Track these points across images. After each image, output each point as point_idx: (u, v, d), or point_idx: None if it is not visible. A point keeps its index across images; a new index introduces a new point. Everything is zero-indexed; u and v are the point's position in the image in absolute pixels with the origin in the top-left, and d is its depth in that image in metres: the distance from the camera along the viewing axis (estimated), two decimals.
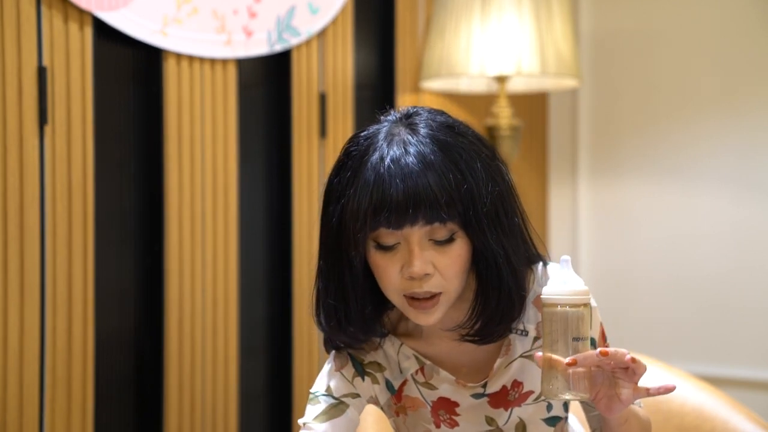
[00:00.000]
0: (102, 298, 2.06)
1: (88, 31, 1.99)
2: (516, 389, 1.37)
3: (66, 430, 1.96)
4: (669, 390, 1.21)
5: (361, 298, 1.32)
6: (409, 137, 1.25)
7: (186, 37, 2.16)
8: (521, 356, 1.37)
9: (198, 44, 2.19)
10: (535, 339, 1.36)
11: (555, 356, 1.19)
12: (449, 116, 1.32)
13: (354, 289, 1.31)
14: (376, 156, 1.24)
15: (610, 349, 1.18)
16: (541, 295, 1.23)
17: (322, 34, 2.52)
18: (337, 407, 1.36)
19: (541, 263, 1.38)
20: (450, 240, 1.25)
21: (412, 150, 1.23)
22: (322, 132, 2.54)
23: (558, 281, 1.22)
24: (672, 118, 3.14)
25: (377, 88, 2.80)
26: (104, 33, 2.04)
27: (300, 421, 1.37)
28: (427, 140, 1.24)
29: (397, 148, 1.24)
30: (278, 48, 2.38)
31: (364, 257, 1.29)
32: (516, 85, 2.97)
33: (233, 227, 2.30)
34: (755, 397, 2.84)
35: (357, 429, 1.83)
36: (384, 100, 2.81)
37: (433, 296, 1.27)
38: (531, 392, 1.37)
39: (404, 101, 2.82)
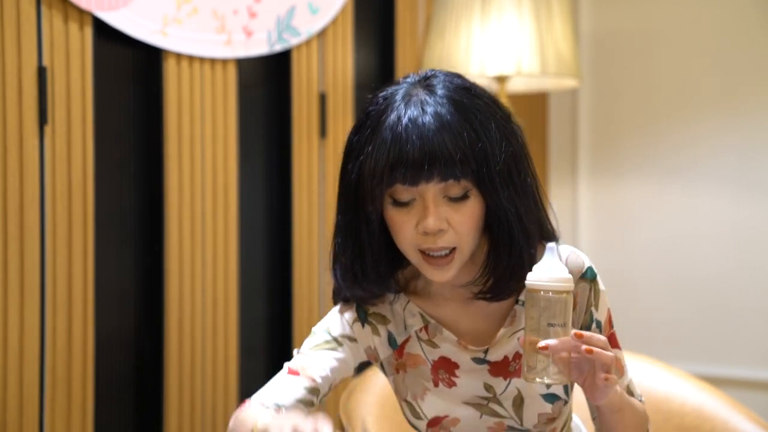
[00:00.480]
0: (102, 298, 2.06)
1: (88, 31, 1.99)
2: (517, 361, 1.39)
3: (66, 430, 1.96)
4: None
5: (377, 254, 1.35)
6: (427, 98, 1.30)
7: (186, 37, 2.16)
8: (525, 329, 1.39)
9: (198, 44, 2.19)
10: None
11: (535, 339, 1.22)
12: (466, 79, 1.36)
13: (370, 244, 1.34)
14: (394, 115, 1.29)
15: (586, 333, 1.21)
16: (527, 277, 1.26)
17: (322, 34, 2.52)
18: (330, 343, 1.40)
19: (551, 241, 1.40)
20: (464, 197, 1.29)
21: (429, 110, 1.28)
22: (322, 132, 2.54)
23: (543, 267, 1.25)
24: (672, 118, 3.14)
25: (377, 88, 2.80)
26: (104, 33, 2.04)
27: (294, 351, 1.42)
28: (444, 101, 1.29)
29: (415, 108, 1.28)
30: (278, 48, 2.38)
31: (381, 214, 1.33)
32: (516, 85, 2.97)
33: (233, 227, 2.30)
34: (755, 397, 2.84)
35: (358, 427, 1.83)
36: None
37: (447, 253, 1.31)
38: None
39: None
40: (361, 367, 1.50)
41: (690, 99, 3.10)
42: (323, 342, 1.41)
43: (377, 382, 1.99)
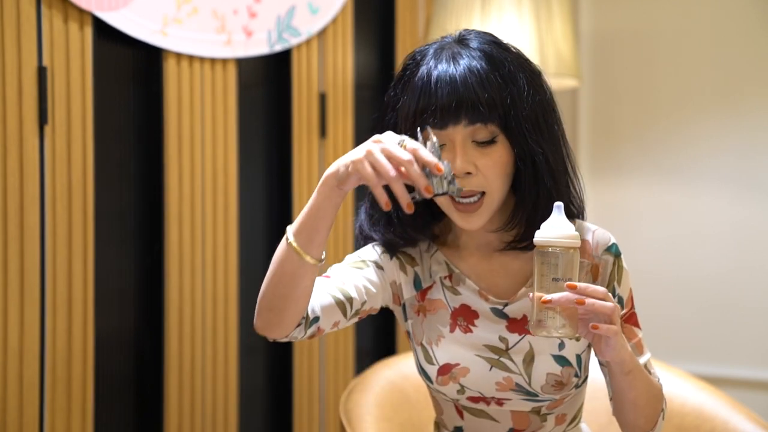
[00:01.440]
0: (102, 298, 2.06)
1: (88, 31, 1.99)
2: None
3: (66, 430, 1.96)
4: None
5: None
6: (459, 50, 1.37)
7: (186, 37, 2.16)
8: None
9: (198, 44, 2.19)
10: None
11: (541, 295, 1.25)
12: (498, 38, 1.42)
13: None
14: (426, 67, 1.36)
15: (581, 284, 1.24)
16: (535, 235, 1.29)
17: (322, 34, 2.52)
18: (357, 263, 1.46)
19: (579, 217, 1.46)
20: (492, 142, 1.34)
21: (460, 60, 1.35)
22: (322, 132, 2.54)
23: (549, 225, 1.28)
24: (672, 118, 3.14)
25: (377, 88, 2.80)
26: (104, 33, 2.04)
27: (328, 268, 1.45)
28: (476, 53, 1.36)
29: (446, 59, 1.35)
30: (278, 48, 2.38)
31: None
32: None
33: (233, 227, 2.30)
34: (755, 397, 2.84)
35: (358, 427, 1.83)
36: (384, 100, 2.81)
37: (477, 200, 1.35)
38: None
39: None
40: (383, 312, 1.54)
41: (690, 99, 3.10)
42: (353, 262, 1.45)
43: (377, 382, 1.99)
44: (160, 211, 2.16)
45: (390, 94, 1.42)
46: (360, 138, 2.70)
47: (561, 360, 1.41)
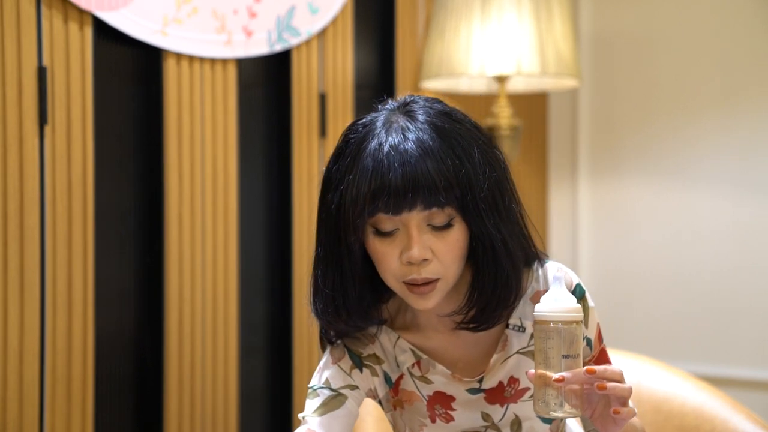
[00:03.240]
0: (102, 298, 2.06)
1: (88, 31, 1.99)
2: (512, 386, 1.38)
3: (66, 430, 1.96)
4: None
5: (360, 285, 1.32)
6: (408, 124, 1.26)
7: (186, 37, 2.16)
8: (518, 353, 1.38)
9: (198, 44, 2.19)
10: (532, 336, 1.36)
11: (547, 373, 1.20)
12: (446, 104, 1.33)
13: (353, 276, 1.31)
14: (374, 142, 1.25)
15: (599, 367, 1.19)
16: (535, 309, 1.24)
17: (322, 34, 2.52)
18: (335, 399, 1.37)
19: (537, 262, 1.39)
20: (448, 225, 1.26)
21: (410, 136, 1.24)
22: (322, 132, 2.54)
23: (550, 298, 1.23)
24: (672, 118, 3.14)
25: (377, 88, 2.80)
26: (104, 33, 2.04)
27: (299, 416, 1.38)
28: (425, 126, 1.26)
29: (396, 134, 1.25)
30: (278, 48, 2.38)
31: (363, 244, 1.30)
32: (516, 85, 2.97)
33: (233, 227, 2.30)
34: (755, 397, 2.84)
35: (358, 427, 1.83)
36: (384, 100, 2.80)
37: (431, 281, 1.28)
38: (527, 389, 1.38)
39: None
40: None
41: (690, 99, 3.10)
42: (327, 399, 1.37)
43: None
44: (160, 211, 2.16)
45: (331, 170, 1.30)
46: None
47: (548, 420, 1.39)
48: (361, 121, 1.31)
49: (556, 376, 1.18)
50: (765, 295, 2.99)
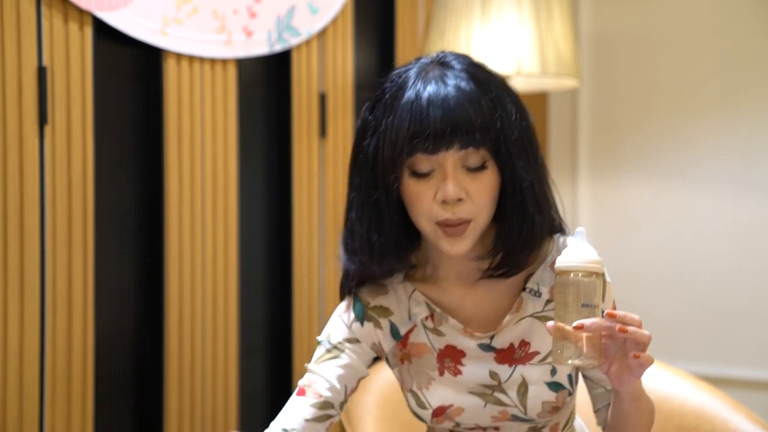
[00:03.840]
0: (102, 298, 2.06)
1: (88, 31, 1.99)
2: (523, 348, 1.40)
3: (66, 430, 1.96)
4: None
5: (396, 227, 1.36)
6: (444, 71, 1.32)
7: (186, 37, 2.16)
8: (531, 316, 1.40)
9: (198, 44, 2.19)
10: (548, 302, 1.40)
11: (566, 323, 1.22)
12: (476, 59, 1.39)
13: (389, 217, 1.35)
14: (412, 89, 1.31)
15: (619, 312, 1.21)
16: (556, 262, 1.26)
17: (322, 34, 2.52)
18: (331, 352, 1.42)
19: (559, 234, 1.44)
20: (482, 167, 1.31)
21: (448, 81, 1.30)
22: (322, 132, 2.54)
23: (572, 250, 1.25)
24: (672, 118, 3.14)
25: (377, 88, 2.80)
26: (104, 33, 2.04)
27: (306, 365, 1.44)
28: (462, 74, 1.32)
29: (434, 80, 1.31)
30: (278, 48, 2.38)
31: (398, 188, 1.34)
32: (516, 85, 2.95)
33: (233, 227, 2.30)
34: (755, 397, 2.84)
35: (358, 427, 1.83)
36: None
37: (463, 222, 1.32)
38: (537, 353, 1.40)
39: None
40: (375, 361, 1.51)
41: (690, 99, 3.10)
42: (325, 352, 1.43)
43: (377, 382, 1.99)
44: (160, 211, 2.16)
45: (367, 118, 1.36)
46: None
47: (555, 386, 1.40)
48: (396, 72, 1.37)
49: (575, 323, 1.20)
50: (765, 295, 2.99)
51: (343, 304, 1.46)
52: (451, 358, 1.41)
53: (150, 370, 2.18)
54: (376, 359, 1.49)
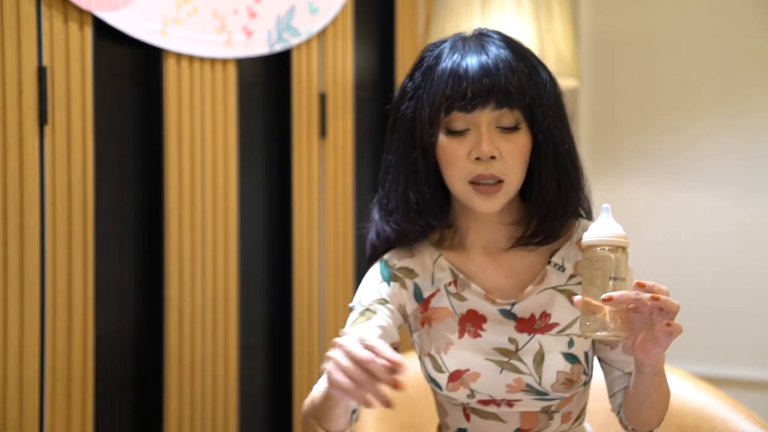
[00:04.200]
0: (102, 298, 2.06)
1: (88, 31, 1.99)
2: (543, 319, 1.42)
3: (66, 430, 1.96)
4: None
5: (433, 184, 1.41)
6: (482, 40, 1.39)
7: (186, 37, 2.16)
8: (554, 288, 1.43)
9: (198, 44, 2.19)
10: (571, 276, 1.44)
11: (593, 297, 1.24)
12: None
13: (427, 174, 1.40)
14: (452, 54, 1.38)
15: (648, 282, 1.24)
16: (583, 237, 1.29)
17: (322, 34, 2.52)
18: (365, 314, 1.44)
19: (583, 217, 1.49)
20: (515, 128, 1.36)
21: (487, 47, 1.37)
22: (322, 132, 2.54)
23: (598, 226, 1.28)
24: (672, 118, 3.14)
25: (377, 88, 2.80)
26: (104, 33, 2.04)
27: (340, 331, 1.43)
28: (500, 42, 1.39)
29: (473, 46, 1.38)
30: (278, 48, 2.38)
31: (434, 148, 1.38)
32: None
33: (233, 227, 2.30)
34: (755, 397, 2.84)
35: (358, 427, 1.83)
36: (384, 100, 2.81)
37: (495, 184, 1.36)
38: (556, 324, 1.42)
39: None
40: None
41: (690, 99, 3.10)
42: (359, 316, 1.44)
43: None
44: (160, 211, 2.16)
45: (406, 85, 1.43)
46: (360, 138, 2.70)
47: (570, 358, 1.41)
48: (434, 42, 1.44)
49: (603, 296, 1.22)
50: (765, 295, 2.99)
51: (369, 271, 1.49)
52: (472, 322, 1.43)
53: (150, 370, 2.18)
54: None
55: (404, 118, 1.41)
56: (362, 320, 1.42)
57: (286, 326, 2.48)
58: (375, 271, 1.48)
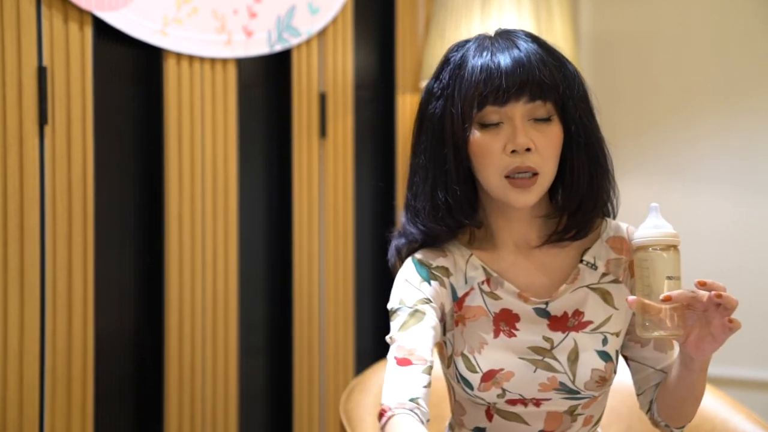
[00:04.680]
0: (102, 298, 2.06)
1: (88, 31, 1.99)
2: (576, 317, 1.42)
3: (66, 430, 1.96)
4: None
5: (463, 182, 1.40)
6: (509, 35, 1.40)
7: (186, 37, 2.16)
8: (587, 287, 1.43)
9: (198, 44, 2.19)
10: (603, 275, 1.44)
11: (648, 298, 1.26)
12: None
13: (457, 172, 1.39)
14: (480, 51, 1.38)
15: (707, 280, 1.25)
16: (632, 239, 1.30)
17: (322, 34, 2.52)
18: (414, 315, 1.39)
19: (609, 217, 1.49)
20: (548, 120, 1.37)
21: (516, 42, 1.38)
22: (322, 132, 2.54)
23: (649, 225, 1.29)
24: (672, 118, 3.14)
25: (377, 88, 2.80)
26: (104, 33, 2.04)
27: (387, 338, 1.41)
28: (527, 38, 1.40)
29: (501, 42, 1.38)
30: (278, 48, 2.38)
31: (466, 144, 1.38)
32: None
33: (233, 227, 2.30)
34: (755, 397, 2.84)
35: (358, 427, 1.82)
36: (384, 100, 2.81)
37: (531, 177, 1.36)
38: (590, 322, 1.42)
39: (404, 101, 2.82)
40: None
41: (690, 99, 3.10)
42: (408, 317, 1.39)
43: (377, 381, 1.99)
44: (160, 211, 2.16)
45: (432, 86, 1.42)
46: (360, 138, 2.70)
47: (604, 355, 1.41)
48: (457, 43, 1.43)
49: (663, 295, 1.24)
50: (765, 295, 2.99)
51: (402, 273, 1.45)
52: (506, 321, 1.42)
53: (150, 370, 2.18)
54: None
55: (433, 117, 1.40)
56: (414, 322, 1.38)
57: (286, 326, 2.48)
58: (411, 271, 1.44)
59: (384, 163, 2.82)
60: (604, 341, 1.41)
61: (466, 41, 1.43)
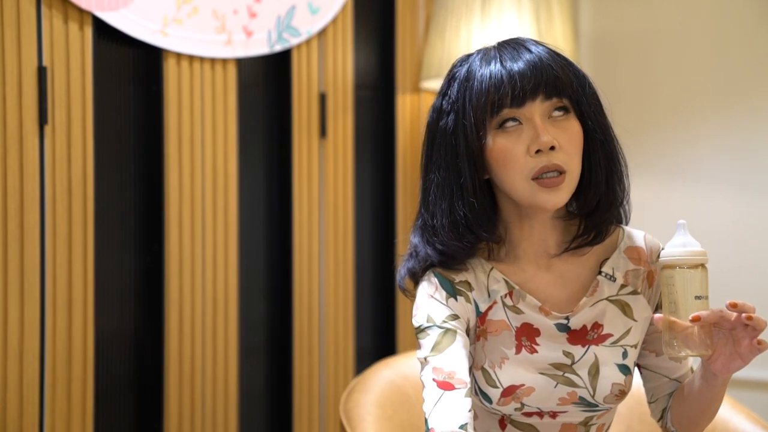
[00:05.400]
0: (102, 298, 2.06)
1: (88, 31, 1.99)
2: (596, 330, 1.41)
3: (66, 430, 1.96)
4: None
5: (482, 194, 1.38)
6: (515, 42, 1.40)
7: (186, 37, 2.16)
8: (607, 299, 1.42)
9: (198, 44, 2.19)
10: (622, 286, 1.42)
11: (675, 317, 1.25)
12: None
13: (473, 184, 1.37)
14: (487, 60, 1.37)
15: (739, 301, 1.25)
16: (660, 257, 1.31)
17: (322, 34, 2.52)
18: (446, 334, 1.37)
19: (623, 224, 1.49)
20: (567, 114, 1.37)
21: (525, 46, 1.38)
22: (322, 132, 2.54)
23: (676, 243, 1.28)
24: (672, 118, 3.14)
25: (377, 88, 2.80)
26: (104, 33, 2.04)
27: (419, 357, 1.38)
28: (534, 42, 1.40)
29: (508, 49, 1.38)
30: (278, 48, 2.38)
31: (482, 154, 1.36)
32: None
33: (233, 227, 2.30)
34: (755, 397, 2.84)
35: (358, 427, 1.83)
36: (384, 100, 2.81)
37: (558, 175, 1.34)
38: (610, 335, 1.41)
39: (404, 101, 2.82)
40: None
41: (690, 99, 3.10)
42: (440, 337, 1.37)
43: (377, 382, 1.99)
44: (160, 211, 2.16)
45: (440, 103, 1.40)
46: (360, 138, 2.70)
47: (624, 369, 1.40)
48: (461, 58, 1.42)
49: (692, 315, 1.24)
50: (765, 295, 2.99)
51: (425, 289, 1.42)
52: (527, 336, 1.41)
53: (150, 369, 2.18)
54: None
55: (444, 133, 1.37)
56: (447, 343, 1.36)
57: (286, 326, 2.48)
58: (435, 287, 1.41)
59: (384, 163, 2.82)
60: (624, 354, 1.40)
61: (468, 55, 1.41)
